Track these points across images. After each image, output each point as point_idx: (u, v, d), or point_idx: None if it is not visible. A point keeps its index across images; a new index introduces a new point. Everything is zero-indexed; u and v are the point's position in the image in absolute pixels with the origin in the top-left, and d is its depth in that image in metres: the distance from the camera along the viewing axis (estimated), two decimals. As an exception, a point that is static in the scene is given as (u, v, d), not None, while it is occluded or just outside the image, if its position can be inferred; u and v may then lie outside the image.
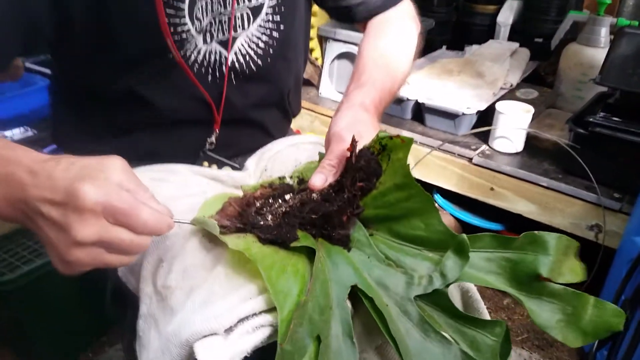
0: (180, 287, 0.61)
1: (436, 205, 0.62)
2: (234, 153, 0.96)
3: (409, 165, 0.60)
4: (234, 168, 0.92)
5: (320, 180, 0.68)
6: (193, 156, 0.91)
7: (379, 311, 0.56)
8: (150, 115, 0.84)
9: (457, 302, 0.69)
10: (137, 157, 0.87)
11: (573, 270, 0.61)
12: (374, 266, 0.60)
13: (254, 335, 0.54)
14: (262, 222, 0.64)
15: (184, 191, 0.78)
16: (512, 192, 1.60)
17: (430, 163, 1.72)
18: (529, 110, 1.65)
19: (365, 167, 0.63)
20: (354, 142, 0.65)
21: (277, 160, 0.92)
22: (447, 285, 0.58)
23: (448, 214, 1.74)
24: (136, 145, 0.87)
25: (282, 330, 0.51)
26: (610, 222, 1.47)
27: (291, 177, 0.79)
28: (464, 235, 0.58)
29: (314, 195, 0.67)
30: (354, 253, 0.62)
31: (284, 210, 0.65)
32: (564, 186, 1.51)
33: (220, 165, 0.92)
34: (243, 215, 0.66)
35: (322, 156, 0.78)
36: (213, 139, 0.91)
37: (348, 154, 0.66)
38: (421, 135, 1.76)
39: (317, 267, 0.58)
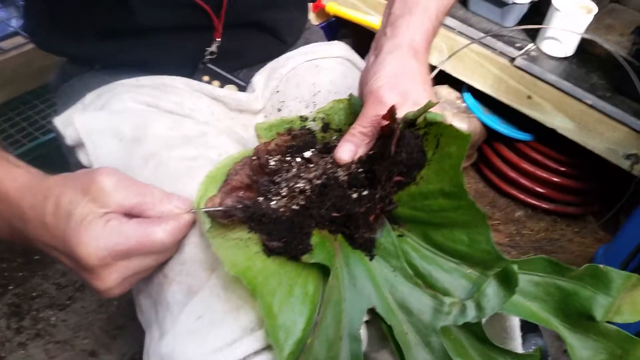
0: (177, 281, 0.53)
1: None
2: (239, 65, 0.81)
3: (462, 174, 0.47)
4: (239, 87, 0.78)
5: (348, 152, 0.56)
6: (191, 68, 0.76)
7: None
8: (132, 18, 0.68)
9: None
10: (124, 65, 0.73)
11: (634, 306, 0.51)
12: (398, 283, 0.50)
13: None
14: (273, 202, 0.53)
15: (179, 130, 0.65)
16: (551, 105, 1.44)
17: (465, 57, 1.54)
18: (591, 10, 1.43)
19: (407, 160, 0.50)
20: (393, 118, 0.51)
21: (291, 81, 0.78)
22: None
23: (475, 118, 1.60)
24: (122, 54, 0.72)
25: None
26: (651, 155, 1.34)
27: (314, 120, 0.65)
28: (514, 266, 0.47)
29: (340, 172, 0.55)
30: (377, 263, 0.51)
31: (300, 187, 0.54)
32: (609, 108, 1.35)
33: (223, 81, 0.77)
34: (252, 188, 0.54)
35: (354, 100, 0.64)
36: (214, 48, 0.75)
37: (385, 122, 0.53)
38: (461, 22, 1.55)
39: (331, 284, 0.48)
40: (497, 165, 1.69)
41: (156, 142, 0.62)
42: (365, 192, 0.52)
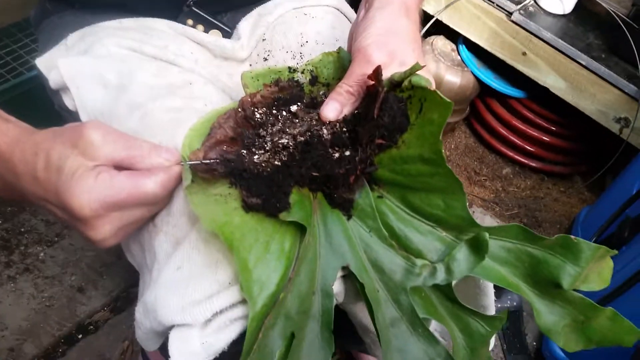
0: (165, 231, 0.54)
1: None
2: (223, 7, 0.79)
3: (441, 141, 0.48)
4: (223, 32, 0.77)
5: (334, 111, 0.56)
6: (174, 11, 0.75)
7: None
8: None
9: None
10: (103, 9, 0.71)
11: (600, 276, 0.53)
12: (373, 243, 0.51)
13: (229, 329, 0.48)
14: (256, 156, 0.53)
15: (164, 78, 0.64)
16: (545, 63, 1.43)
17: (462, 8, 1.52)
18: (593, -34, 1.40)
19: (389, 123, 0.50)
20: (378, 79, 0.51)
21: (277, 30, 0.77)
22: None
23: (469, 72, 1.58)
24: None
25: (252, 328, 0.44)
26: (641, 119, 1.34)
27: (303, 72, 0.65)
28: (486, 233, 0.49)
29: (324, 130, 0.55)
30: (354, 223, 0.52)
31: (284, 143, 0.54)
32: (603, 69, 1.34)
33: (207, 25, 0.76)
34: (236, 141, 0.54)
35: (342, 54, 0.64)
36: None
37: (371, 82, 0.53)
38: (461, -27, 1.52)
39: (307, 242, 0.49)
40: (488, 121, 1.69)
41: (141, 92, 0.62)
42: (347, 153, 0.53)
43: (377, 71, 0.52)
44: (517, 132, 1.64)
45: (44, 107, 0.78)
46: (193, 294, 0.47)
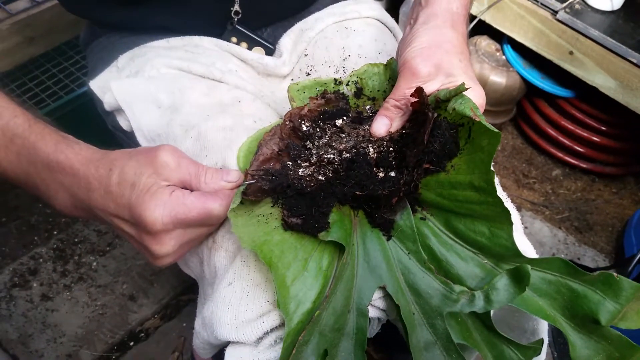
0: (225, 248, 0.57)
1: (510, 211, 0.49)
2: (264, 22, 0.81)
3: (493, 171, 0.47)
4: (267, 50, 0.78)
5: (384, 126, 0.57)
6: (218, 30, 0.77)
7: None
8: None
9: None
10: (149, 32, 0.74)
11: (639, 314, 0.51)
12: (411, 266, 0.51)
13: (280, 346, 0.49)
14: (302, 168, 0.54)
15: (214, 96, 0.67)
16: (594, 62, 1.39)
17: (506, 8, 1.48)
18: (644, -40, 1.35)
19: (439, 150, 0.50)
20: (422, 100, 0.51)
21: (319, 45, 0.77)
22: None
23: (515, 72, 1.55)
24: (146, 21, 0.73)
25: (287, 344, 0.45)
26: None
27: (347, 84, 0.65)
28: (528, 265, 0.48)
29: (370, 149, 0.55)
30: (392, 244, 0.52)
31: (329, 158, 0.55)
32: (656, 67, 1.29)
33: (250, 42, 0.77)
34: (283, 154, 0.56)
35: (394, 65, 0.63)
36: (237, 7, 0.75)
37: (414, 99, 0.53)
38: (504, -29, 1.49)
39: (345, 260, 0.50)
40: (536, 122, 1.65)
41: (194, 111, 0.64)
42: (392, 173, 0.53)
43: (421, 92, 0.52)
44: (566, 132, 1.59)
45: (96, 123, 0.81)
46: (245, 313, 0.50)
